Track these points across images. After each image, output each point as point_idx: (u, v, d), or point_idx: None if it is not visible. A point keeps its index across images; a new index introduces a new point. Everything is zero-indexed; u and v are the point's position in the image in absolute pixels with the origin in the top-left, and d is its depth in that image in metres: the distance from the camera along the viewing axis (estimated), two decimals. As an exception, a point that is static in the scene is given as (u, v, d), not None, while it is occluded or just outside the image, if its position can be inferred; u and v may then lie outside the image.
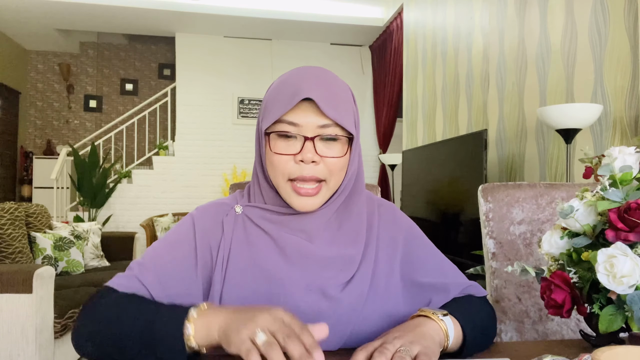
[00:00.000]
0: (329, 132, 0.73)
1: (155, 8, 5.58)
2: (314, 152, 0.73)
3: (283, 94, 0.75)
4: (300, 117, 0.73)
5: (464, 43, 3.41)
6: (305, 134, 0.73)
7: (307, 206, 0.75)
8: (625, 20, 1.94)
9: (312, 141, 0.72)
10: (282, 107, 0.73)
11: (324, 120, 0.73)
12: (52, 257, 3.22)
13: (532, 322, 1.18)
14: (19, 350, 2.12)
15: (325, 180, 0.75)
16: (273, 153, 0.74)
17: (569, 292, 0.73)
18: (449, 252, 2.81)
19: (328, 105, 0.72)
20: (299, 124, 0.73)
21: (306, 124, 0.73)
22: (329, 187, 0.76)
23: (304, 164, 0.73)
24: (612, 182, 0.75)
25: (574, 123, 1.90)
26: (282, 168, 0.74)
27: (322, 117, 0.73)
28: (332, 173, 0.75)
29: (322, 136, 0.73)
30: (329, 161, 0.74)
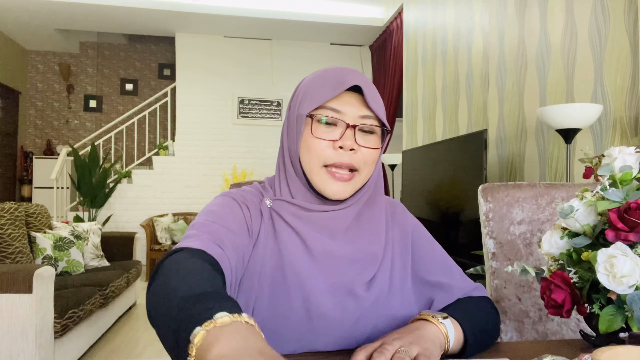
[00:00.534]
0: (369, 123, 0.77)
1: (155, 8, 5.58)
2: (354, 140, 0.75)
3: (328, 82, 0.77)
4: (344, 105, 0.76)
5: (464, 43, 3.41)
6: (347, 121, 0.75)
7: (340, 192, 0.76)
8: (625, 20, 1.94)
9: (353, 129, 0.75)
10: (327, 93, 0.76)
11: (365, 111, 0.76)
12: (52, 257, 3.22)
13: (532, 322, 1.18)
14: (19, 350, 2.12)
15: (359, 171, 0.77)
16: (313, 137, 0.76)
17: (569, 292, 0.73)
18: (449, 252, 2.80)
19: (371, 97, 0.76)
20: (342, 111, 0.75)
21: (349, 112, 0.75)
22: (360, 177, 0.78)
23: (343, 150, 0.75)
24: (612, 182, 0.75)
25: (574, 123, 1.90)
26: (321, 153, 0.75)
27: (364, 108, 0.76)
28: (366, 164, 0.77)
29: (362, 126, 0.76)
30: (365, 151, 0.76)
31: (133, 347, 3.14)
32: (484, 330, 0.75)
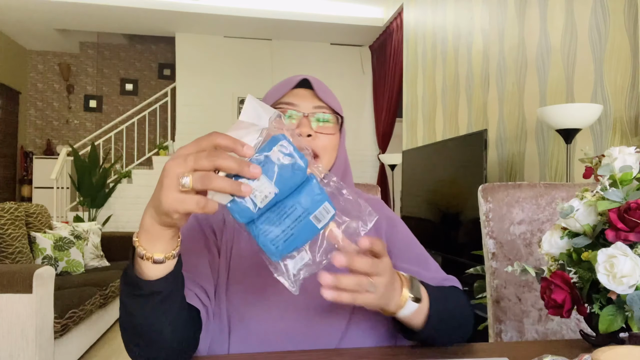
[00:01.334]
0: (323, 111, 0.84)
1: (155, 8, 5.58)
2: (309, 127, 0.81)
3: (280, 84, 0.86)
4: (297, 99, 0.84)
5: (464, 43, 3.41)
6: (302, 111, 0.83)
7: None
8: (625, 20, 1.94)
9: (307, 118, 0.82)
10: (280, 91, 0.84)
11: (318, 102, 0.84)
12: (52, 257, 3.22)
13: (532, 322, 1.18)
14: (19, 350, 2.12)
15: (320, 157, 0.82)
16: None
17: (569, 292, 0.73)
18: (449, 252, 2.81)
19: (321, 89, 0.84)
20: (296, 103, 0.83)
21: (302, 104, 0.83)
22: (322, 162, 0.83)
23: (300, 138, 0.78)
24: (612, 182, 0.75)
25: (574, 123, 1.90)
26: None
27: (316, 99, 0.84)
28: (325, 149, 0.83)
29: (317, 115, 0.83)
30: (322, 137, 0.83)
31: (133, 347, 3.14)
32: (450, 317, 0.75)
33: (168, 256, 0.59)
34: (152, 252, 0.58)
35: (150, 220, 0.56)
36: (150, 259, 0.58)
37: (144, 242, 0.58)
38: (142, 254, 0.58)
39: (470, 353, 0.75)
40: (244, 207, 0.53)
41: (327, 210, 0.56)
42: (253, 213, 0.54)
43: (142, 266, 0.59)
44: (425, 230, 3.23)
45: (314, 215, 0.55)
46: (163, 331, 0.64)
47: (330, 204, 0.56)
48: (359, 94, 6.77)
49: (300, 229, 0.55)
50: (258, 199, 0.53)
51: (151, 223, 0.56)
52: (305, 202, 0.55)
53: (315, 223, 0.55)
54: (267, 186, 0.53)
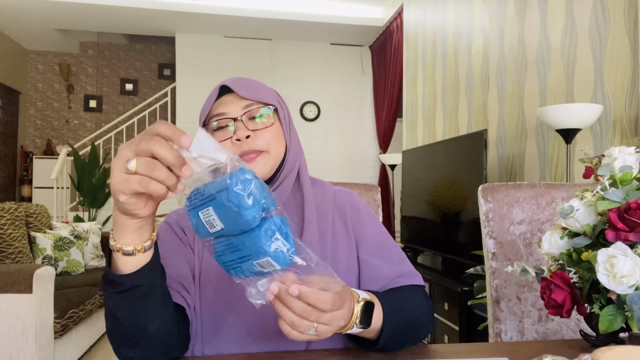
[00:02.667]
0: (253, 108, 0.83)
1: (155, 8, 5.58)
2: (245, 129, 0.81)
3: (208, 98, 0.86)
4: (224, 107, 0.83)
5: (464, 43, 3.41)
6: (231, 116, 0.82)
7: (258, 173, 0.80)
8: (625, 20, 1.94)
9: (240, 121, 0.81)
10: (208, 105, 0.85)
11: (244, 102, 0.83)
12: (52, 257, 3.22)
13: (532, 322, 1.18)
14: (19, 350, 2.12)
15: (267, 151, 0.82)
16: None
17: (569, 292, 0.73)
18: (449, 252, 2.81)
19: (244, 89, 0.83)
20: (224, 111, 0.83)
21: (231, 110, 0.82)
22: (271, 155, 0.82)
23: (241, 142, 0.80)
24: (612, 182, 0.75)
25: (574, 123, 1.90)
26: None
27: (242, 100, 0.83)
28: (269, 143, 0.82)
29: (246, 114, 0.82)
30: (261, 133, 0.82)
31: (133, 347, 3.14)
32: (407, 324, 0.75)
33: (138, 248, 0.60)
34: (121, 243, 0.60)
35: (115, 212, 0.58)
36: (120, 250, 0.60)
37: (115, 234, 0.60)
38: (112, 245, 0.60)
39: (470, 353, 0.75)
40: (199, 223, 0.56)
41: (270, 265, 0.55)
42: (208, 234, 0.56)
43: (116, 261, 0.61)
44: (425, 230, 3.23)
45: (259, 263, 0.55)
46: (147, 328, 0.65)
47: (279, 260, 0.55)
48: (359, 94, 6.77)
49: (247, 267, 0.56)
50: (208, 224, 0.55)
51: (116, 214, 0.58)
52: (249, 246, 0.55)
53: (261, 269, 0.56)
54: (215, 218, 0.54)
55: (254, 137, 0.81)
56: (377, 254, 0.86)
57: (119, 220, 0.58)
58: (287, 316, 0.58)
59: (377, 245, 0.87)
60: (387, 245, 0.88)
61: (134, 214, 0.57)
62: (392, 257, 0.86)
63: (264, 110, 0.83)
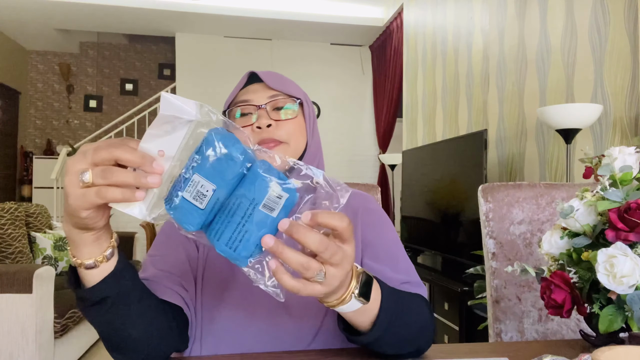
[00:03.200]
0: (278, 99, 0.82)
1: (155, 8, 5.58)
2: (268, 117, 0.81)
3: (236, 84, 0.87)
4: (250, 94, 0.83)
5: (464, 43, 3.41)
6: (256, 104, 0.82)
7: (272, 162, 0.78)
8: (625, 20, 1.94)
9: (264, 109, 0.81)
10: (234, 91, 0.85)
11: (271, 92, 0.83)
12: (52, 257, 3.22)
13: (532, 322, 1.18)
14: (19, 350, 2.12)
15: (287, 142, 0.81)
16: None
17: (569, 292, 0.73)
18: (449, 252, 2.81)
19: (272, 80, 0.83)
20: (249, 99, 0.83)
21: (256, 97, 0.83)
22: (289, 147, 0.82)
23: (261, 130, 0.80)
24: (612, 182, 0.75)
25: (574, 123, 1.90)
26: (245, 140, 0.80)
27: (269, 90, 0.83)
28: (289, 135, 0.82)
29: (271, 103, 0.82)
30: (283, 124, 0.82)
31: (133, 347, 3.14)
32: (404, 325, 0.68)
33: (99, 259, 0.57)
34: (81, 258, 0.56)
35: (67, 226, 0.54)
36: (81, 265, 0.56)
37: (72, 249, 0.56)
38: (72, 262, 0.57)
39: (470, 353, 0.75)
40: (186, 212, 0.50)
41: (278, 195, 0.49)
42: (200, 217, 0.50)
43: (81, 276, 0.58)
44: (425, 230, 3.23)
45: (263, 204, 0.49)
46: (129, 334, 0.63)
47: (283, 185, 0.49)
48: (359, 94, 6.77)
49: (253, 225, 0.49)
50: (197, 200, 0.49)
51: (68, 229, 0.54)
52: (248, 192, 0.49)
53: (268, 212, 0.49)
54: (204, 184, 0.49)
55: (275, 126, 0.81)
56: (383, 260, 0.81)
57: (74, 236, 0.55)
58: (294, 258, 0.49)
59: (384, 251, 0.83)
60: (395, 253, 0.84)
61: (92, 227, 0.54)
62: (399, 265, 0.82)
63: (289, 103, 0.83)
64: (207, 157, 0.49)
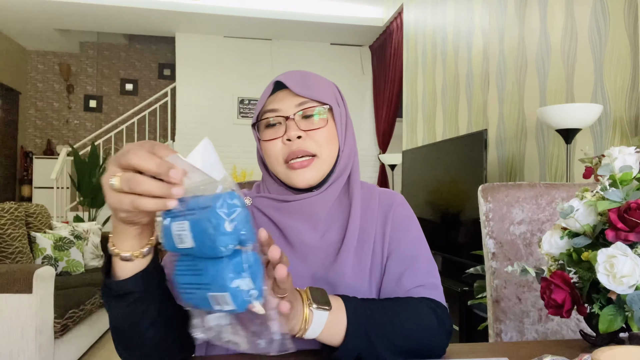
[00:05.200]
0: (307, 106, 0.79)
1: (155, 8, 5.58)
2: (297, 128, 0.78)
3: (263, 93, 0.84)
4: (277, 103, 0.80)
5: (464, 43, 3.41)
6: (283, 115, 0.79)
7: (305, 179, 0.78)
8: (625, 20, 1.94)
9: (292, 120, 0.78)
10: (261, 101, 0.82)
11: (299, 99, 0.79)
12: (52, 257, 3.22)
13: (532, 322, 1.18)
14: (19, 350, 2.12)
15: (317, 155, 0.78)
16: (264, 141, 0.80)
17: (569, 292, 0.73)
18: (449, 252, 2.81)
19: (298, 85, 0.80)
20: (278, 108, 0.79)
21: (284, 107, 0.79)
22: (322, 160, 0.79)
23: (291, 142, 0.78)
24: (612, 182, 0.75)
25: (574, 123, 1.90)
26: (275, 152, 0.79)
27: (296, 97, 0.79)
28: (320, 145, 0.79)
29: (301, 113, 0.79)
30: (313, 134, 0.79)
31: (133, 347, 3.14)
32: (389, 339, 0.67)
33: (136, 254, 0.58)
34: (120, 249, 0.58)
35: (113, 219, 0.57)
36: (118, 255, 0.58)
37: (114, 239, 0.58)
38: (110, 250, 0.59)
39: (470, 353, 0.75)
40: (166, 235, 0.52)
41: (225, 302, 0.50)
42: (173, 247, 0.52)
43: (114, 265, 0.60)
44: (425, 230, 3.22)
45: (213, 295, 0.50)
46: (142, 333, 0.63)
47: (237, 300, 0.50)
48: (359, 94, 6.77)
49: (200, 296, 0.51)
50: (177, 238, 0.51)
51: (114, 221, 0.57)
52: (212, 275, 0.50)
53: (210, 301, 0.51)
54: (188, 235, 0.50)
55: (305, 137, 0.78)
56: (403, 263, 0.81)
57: (118, 226, 0.57)
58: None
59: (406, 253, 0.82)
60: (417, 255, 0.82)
61: (136, 223, 0.55)
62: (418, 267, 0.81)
63: (318, 110, 0.80)
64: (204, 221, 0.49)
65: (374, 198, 0.86)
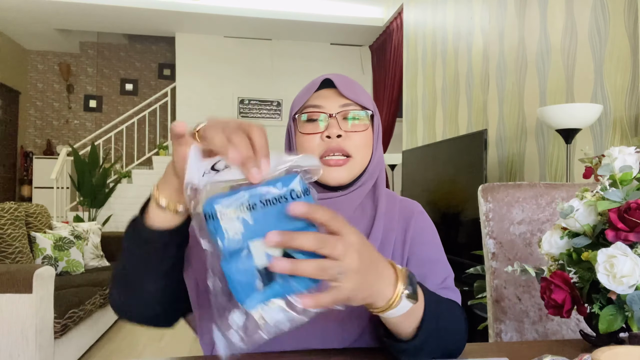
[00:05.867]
0: (350, 108, 0.80)
1: (155, 8, 5.58)
2: (338, 127, 0.79)
3: (307, 87, 0.84)
4: (323, 100, 0.81)
5: (464, 43, 3.41)
6: (328, 112, 0.80)
7: (337, 178, 0.79)
8: (625, 20, 1.94)
9: (335, 118, 0.79)
10: (306, 94, 0.82)
11: (344, 101, 0.81)
12: (52, 257, 3.22)
13: (532, 322, 1.18)
14: (19, 350, 2.12)
15: (352, 156, 0.79)
16: (302, 134, 0.81)
17: (569, 292, 0.73)
18: (449, 252, 2.80)
19: (346, 87, 0.81)
20: (322, 105, 0.80)
21: (328, 105, 0.80)
22: (356, 162, 0.80)
23: (330, 139, 0.78)
24: (612, 182, 0.75)
25: (574, 123, 1.90)
26: (312, 147, 0.80)
27: (342, 98, 0.81)
28: (357, 148, 0.80)
29: (343, 113, 0.80)
30: (353, 135, 0.80)
31: (133, 347, 3.14)
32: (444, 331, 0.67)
33: (171, 206, 0.60)
34: (161, 193, 0.60)
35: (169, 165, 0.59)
36: (156, 200, 0.60)
37: (160, 182, 0.61)
38: (152, 192, 0.61)
39: (470, 353, 0.75)
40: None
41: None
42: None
43: (149, 210, 0.62)
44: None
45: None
46: (143, 284, 0.65)
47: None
48: (359, 94, 6.77)
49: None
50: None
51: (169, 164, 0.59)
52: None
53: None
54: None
55: (345, 137, 0.79)
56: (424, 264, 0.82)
57: (168, 173, 0.59)
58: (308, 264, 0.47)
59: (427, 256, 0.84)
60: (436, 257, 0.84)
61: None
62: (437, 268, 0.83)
63: (361, 113, 0.81)
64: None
65: (395, 205, 0.87)
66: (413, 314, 0.60)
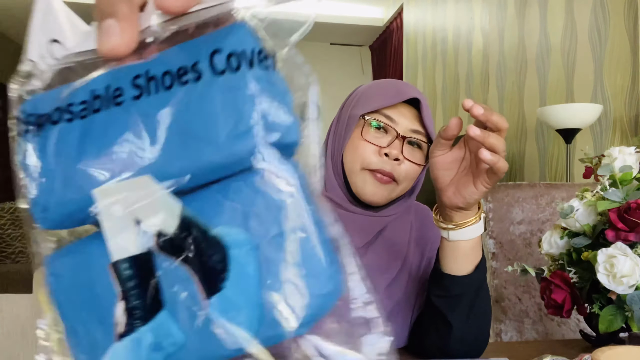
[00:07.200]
0: (419, 137, 0.76)
1: (155, 8, 5.58)
2: (400, 151, 0.75)
3: (387, 90, 0.78)
4: (398, 115, 0.76)
5: (464, 43, 3.41)
6: (398, 130, 0.75)
7: (376, 195, 0.76)
8: (625, 20, 1.94)
9: (402, 140, 0.75)
10: (385, 100, 0.76)
11: (417, 126, 0.76)
12: (52, 257, 3.22)
13: (532, 322, 1.18)
14: (19, 350, 2.12)
15: (398, 183, 0.76)
16: (361, 139, 0.75)
17: (569, 292, 0.73)
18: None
19: (427, 114, 0.77)
20: (396, 120, 0.75)
21: (402, 122, 0.75)
22: (398, 189, 0.77)
23: (387, 159, 0.74)
24: (612, 182, 0.75)
25: (574, 123, 1.90)
26: (366, 155, 0.75)
27: (417, 122, 0.76)
28: (406, 177, 0.77)
29: (411, 139, 0.76)
30: (408, 165, 0.76)
31: (133, 347, 3.14)
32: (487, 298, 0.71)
33: None
34: None
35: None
36: None
37: None
38: None
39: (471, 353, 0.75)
40: None
41: None
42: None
43: None
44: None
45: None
46: None
47: None
48: (359, 94, 6.78)
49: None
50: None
51: None
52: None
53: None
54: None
55: (400, 163, 0.75)
56: None
57: None
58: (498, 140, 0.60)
59: None
60: None
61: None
62: None
63: (426, 147, 0.78)
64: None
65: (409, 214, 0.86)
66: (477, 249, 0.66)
